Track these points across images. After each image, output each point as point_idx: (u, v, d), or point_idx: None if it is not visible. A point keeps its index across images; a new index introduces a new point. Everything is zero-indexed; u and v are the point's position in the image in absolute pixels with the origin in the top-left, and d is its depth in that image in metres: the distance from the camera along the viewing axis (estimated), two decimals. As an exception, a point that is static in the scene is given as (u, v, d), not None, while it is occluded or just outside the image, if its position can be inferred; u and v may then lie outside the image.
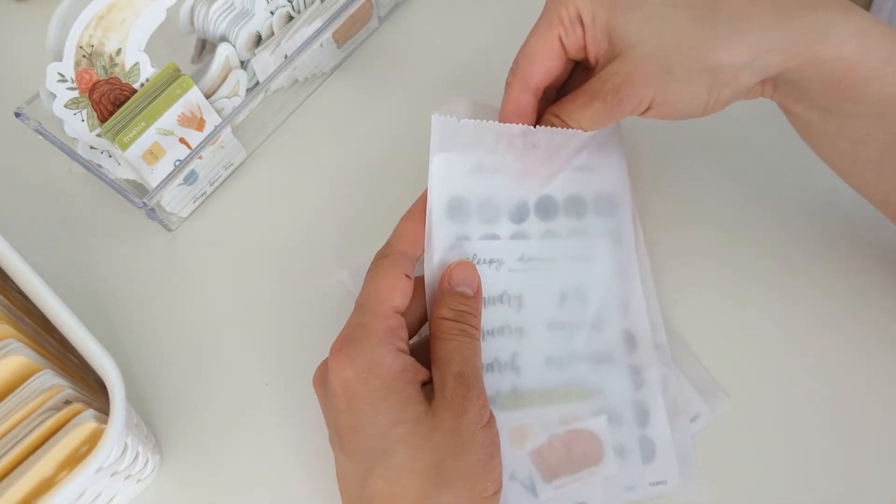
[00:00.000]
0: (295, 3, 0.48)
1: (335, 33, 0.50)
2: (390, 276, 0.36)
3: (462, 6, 0.55)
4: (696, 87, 0.35)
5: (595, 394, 0.40)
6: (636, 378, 0.41)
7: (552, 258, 0.41)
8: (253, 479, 0.41)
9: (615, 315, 0.41)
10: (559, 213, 0.42)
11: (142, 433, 0.39)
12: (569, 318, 0.41)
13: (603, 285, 0.42)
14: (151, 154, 0.43)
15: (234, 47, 0.45)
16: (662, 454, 0.39)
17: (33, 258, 0.37)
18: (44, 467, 0.33)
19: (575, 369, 0.40)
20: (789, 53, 0.34)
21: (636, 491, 0.39)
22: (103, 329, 0.45)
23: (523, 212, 0.41)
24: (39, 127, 0.43)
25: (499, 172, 0.40)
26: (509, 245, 0.40)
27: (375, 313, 0.35)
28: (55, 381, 0.34)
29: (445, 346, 0.36)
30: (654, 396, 0.40)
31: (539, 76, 0.39)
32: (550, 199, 0.41)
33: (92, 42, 0.41)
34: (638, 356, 0.41)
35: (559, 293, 0.41)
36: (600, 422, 0.39)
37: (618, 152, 0.43)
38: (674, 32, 0.34)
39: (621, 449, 0.39)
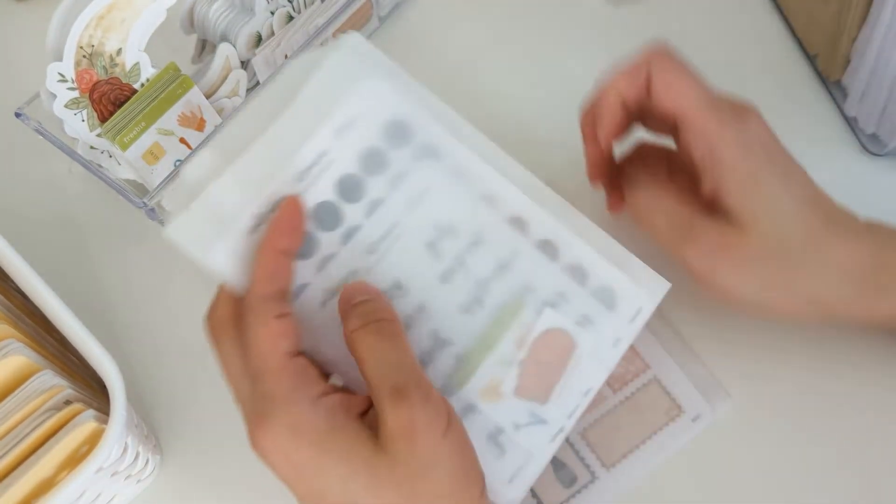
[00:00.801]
0: (295, 3, 0.48)
1: (335, 33, 0.50)
2: (262, 326, 0.32)
3: (462, 6, 0.55)
4: (796, 303, 0.37)
5: (524, 296, 0.37)
6: (548, 250, 0.38)
7: (393, 223, 0.37)
8: (253, 480, 0.41)
9: (487, 214, 0.37)
10: (365, 181, 0.37)
11: (142, 433, 0.39)
12: (451, 259, 0.37)
13: (453, 200, 0.37)
14: (152, 154, 0.43)
15: (234, 47, 0.45)
16: (620, 289, 0.38)
17: (33, 258, 0.37)
18: (44, 467, 0.33)
19: (491, 294, 0.37)
20: (863, 308, 0.36)
21: (623, 338, 0.37)
22: (103, 329, 0.45)
23: (334, 214, 0.36)
24: (39, 127, 0.43)
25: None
26: (349, 249, 0.36)
27: (268, 373, 0.31)
28: (55, 381, 0.34)
29: (367, 364, 0.32)
30: (575, 250, 0.38)
31: (628, 98, 0.39)
32: (349, 176, 0.36)
33: (92, 42, 0.41)
34: (535, 229, 0.38)
35: (425, 245, 0.37)
36: (547, 316, 0.37)
37: (381, 82, 0.38)
38: (791, 255, 0.36)
39: (584, 319, 0.37)
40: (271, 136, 0.34)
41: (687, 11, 0.54)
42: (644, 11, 0.54)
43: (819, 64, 0.50)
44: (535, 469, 0.36)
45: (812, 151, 0.49)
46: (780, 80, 0.51)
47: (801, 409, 0.41)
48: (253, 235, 0.34)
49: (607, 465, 0.41)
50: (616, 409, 0.42)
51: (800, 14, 0.51)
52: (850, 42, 0.46)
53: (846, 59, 0.47)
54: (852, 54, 0.46)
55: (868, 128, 0.48)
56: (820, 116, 0.49)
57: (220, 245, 0.33)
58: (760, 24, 0.53)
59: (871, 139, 0.48)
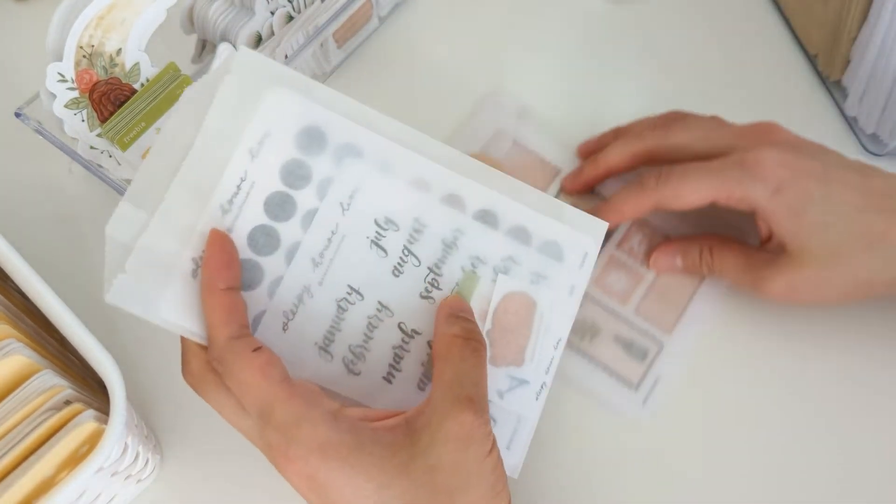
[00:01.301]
0: (295, 3, 0.48)
1: (335, 33, 0.50)
2: (249, 366, 0.31)
3: (462, 6, 0.55)
4: (845, 295, 0.40)
5: (477, 268, 0.37)
6: (488, 219, 0.38)
7: (331, 231, 0.36)
8: (253, 479, 0.41)
9: (421, 199, 0.37)
10: (291, 197, 0.36)
11: (142, 433, 0.39)
12: (399, 251, 0.37)
13: (385, 193, 0.37)
14: (151, 154, 0.43)
15: (234, 47, 0.45)
16: (563, 240, 0.38)
17: (33, 258, 0.37)
18: (44, 467, 0.33)
19: (443, 276, 0.37)
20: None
21: (577, 285, 0.38)
22: (103, 329, 0.45)
23: (270, 237, 0.36)
24: (39, 127, 0.43)
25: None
26: (295, 267, 0.36)
27: (277, 403, 0.31)
28: (55, 381, 0.34)
29: (453, 367, 0.33)
30: (513, 213, 0.38)
31: (675, 205, 0.42)
32: (275, 195, 0.36)
33: (92, 42, 0.41)
34: (470, 203, 0.38)
35: (368, 244, 0.37)
36: (502, 283, 0.37)
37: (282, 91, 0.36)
38: (846, 259, 0.39)
39: (537, 276, 0.38)
40: (185, 173, 0.34)
41: (687, 11, 0.54)
42: (644, 11, 0.54)
43: (819, 64, 0.50)
44: (528, 430, 0.37)
45: (812, 151, 0.49)
46: (780, 80, 0.51)
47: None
48: (196, 280, 0.34)
49: (668, 330, 0.44)
50: (655, 281, 0.45)
51: (800, 14, 0.51)
52: (850, 42, 0.46)
53: (846, 59, 0.47)
54: (852, 54, 0.46)
55: (868, 128, 0.48)
56: (820, 116, 0.50)
57: (165, 299, 0.33)
58: (760, 24, 0.53)
59: (871, 139, 0.48)
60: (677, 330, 0.44)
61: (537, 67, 0.52)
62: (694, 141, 0.43)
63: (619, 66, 0.52)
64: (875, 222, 0.38)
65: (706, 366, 0.43)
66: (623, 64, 0.52)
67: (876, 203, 0.39)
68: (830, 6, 0.46)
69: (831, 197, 0.39)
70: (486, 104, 0.51)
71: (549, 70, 0.52)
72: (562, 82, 0.52)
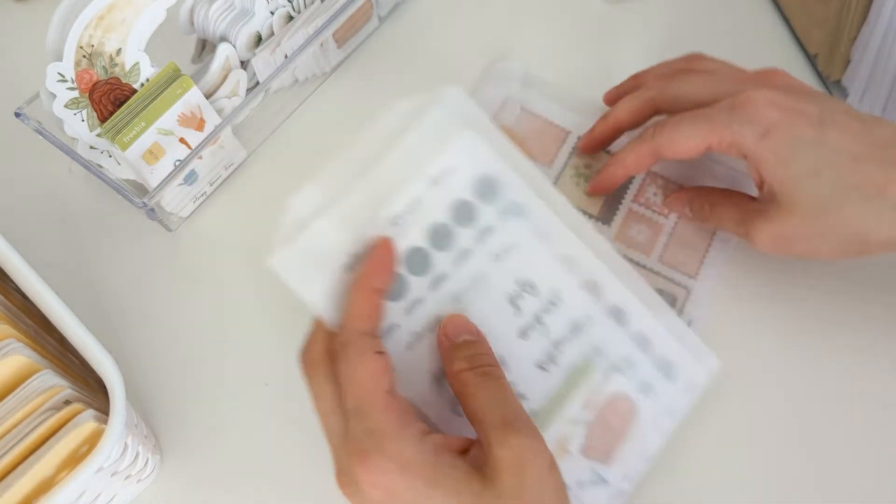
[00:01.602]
0: (295, 3, 0.48)
1: (335, 33, 0.50)
2: (366, 363, 0.32)
3: (462, 6, 0.55)
4: (837, 250, 0.38)
5: (594, 359, 0.39)
6: (619, 316, 0.39)
7: (478, 275, 0.38)
8: (253, 479, 0.41)
9: (564, 277, 0.39)
10: (453, 232, 0.38)
11: (142, 433, 0.39)
12: (531, 316, 0.39)
13: (535, 259, 0.39)
14: (151, 154, 0.43)
15: (234, 47, 0.45)
16: (679, 362, 0.40)
17: (33, 258, 0.37)
18: (44, 467, 0.33)
19: (565, 354, 0.39)
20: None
21: (678, 409, 0.39)
22: (103, 329, 0.45)
23: (424, 260, 0.38)
24: (39, 127, 0.43)
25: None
26: (437, 295, 0.38)
27: (373, 410, 0.32)
28: (55, 381, 0.34)
29: (475, 400, 0.33)
30: (642, 319, 0.39)
31: (670, 153, 0.41)
32: (440, 225, 0.38)
33: (92, 42, 0.41)
34: (607, 295, 0.39)
35: (507, 299, 0.39)
36: (615, 382, 0.39)
37: (472, 139, 0.39)
38: (838, 211, 0.36)
39: (646, 386, 0.39)
40: (372, 179, 0.36)
41: (686, 11, 0.54)
42: (643, 10, 0.54)
43: (819, 64, 0.50)
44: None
45: (812, 151, 0.49)
46: (780, 79, 0.51)
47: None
48: (347, 274, 0.36)
49: (693, 274, 0.45)
50: (674, 229, 0.46)
51: (800, 14, 0.51)
52: (850, 42, 0.46)
53: (846, 58, 0.47)
54: (852, 54, 0.46)
55: (868, 128, 0.48)
56: (820, 116, 0.49)
57: (318, 280, 0.35)
58: (760, 24, 0.53)
59: (871, 139, 0.48)
60: (702, 273, 0.45)
61: (538, 68, 0.52)
62: (696, 88, 0.41)
63: (619, 66, 0.52)
64: (873, 174, 0.36)
65: (734, 305, 0.44)
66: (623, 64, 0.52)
67: (877, 153, 0.36)
68: (830, 6, 0.46)
69: (825, 142, 0.37)
70: (490, 74, 0.51)
71: (549, 70, 0.52)
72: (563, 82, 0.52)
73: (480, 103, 0.50)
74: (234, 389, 0.43)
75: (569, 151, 0.48)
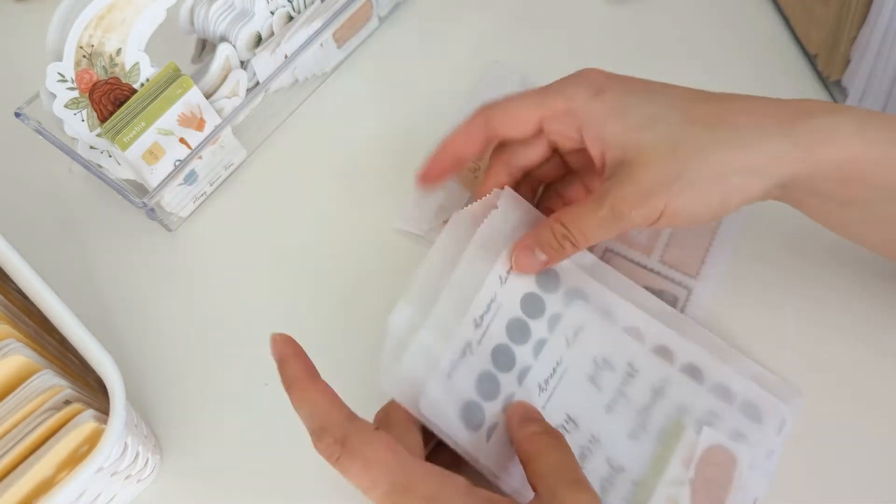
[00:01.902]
0: (295, 3, 0.48)
1: (335, 33, 0.50)
2: (375, 443, 0.32)
3: (462, 6, 0.55)
4: (708, 195, 0.36)
5: (683, 418, 0.40)
6: (694, 374, 0.41)
7: (557, 361, 0.40)
8: (253, 479, 0.41)
9: (635, 347, 0.41)
10: (528, 324, 0.40)
11: (142, 433, 0.39)
12: (612, 391, 0.41)
13: (604, 336, 0.41)
14: (151, 154, 0.43)
15: (234, 47, 0.45)
16: (763, 404, 0.40)
17: (33, 258, 0.37)
18: (44, 467, 0.33)
19: (652, 419, 0.40)
20: (798, 158, 0.35)
21: (775, 450, 0.40)
22: (103, 329, 0.45)
23: (508, 356, 0.39)
24: (39, 127, 0.43)
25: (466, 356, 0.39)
26: (524, 388, 0.39)
27: (415, 478, 0.31)
28: (55, 381, 0.34)
29: (547, 459, 0.34)
30: (717, 371, 0.41)
31: (504, 128, 0.40)
32: (515, 320, 0.40)
33: (92, 42, 0.41)
34: (679, 356, 0.41)
35: (587, 379, 0.41)
36: (707, 434, 0.39)
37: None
38: (687, 143, 0.35)
39: (737, 434, 0.40)
40: (453, 286, 0.39)
41: (687, 11, 0.54)
42: (644, 11, 0.54)
43: (819, 64, 0.50)
44: None
45: (812, 151, 0.49)
46: (780, 80, 0.51)
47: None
48: (449, 381, 0.37)
49: (694, 274, 0.45)
50: (676, 230, 0.46)
51: (800, 14, 0.51)
52: (850, 42, 0.46)
53: (846, 59, 0.47)
54: (852, 54, 0.46)
55: (868, 128, 0.48)
56: (820, 116, 0.49)
57: (425, 393, 0.37)
58: (760, 24, 0.53)
59: (871, 139, 0.48)
60: (703, 273, 0.45)
61: (538, 68, 0.52)
62: (526, 95, 0.40)
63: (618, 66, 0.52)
64: (710, 110, 0.36)
65: (735, 304, 0.44)
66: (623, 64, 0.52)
67: (711, 99, 0.36)
68: (830, 6, 0.46)
69: (656, 96, 0.37)
70: (487, 76, 0.52)
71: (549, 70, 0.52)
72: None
73: (477, 104, 0.50)
74: (234, 389, 0.43)
75: None
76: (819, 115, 0.35)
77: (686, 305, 0.44)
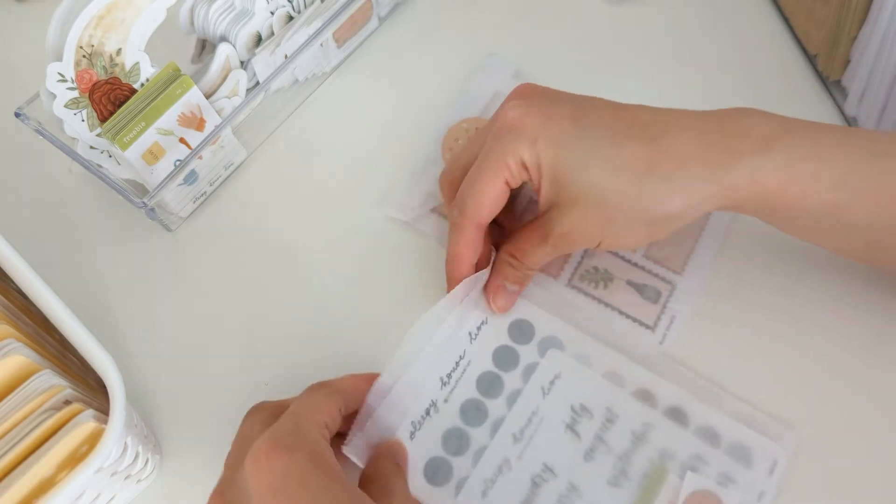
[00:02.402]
0: (295, 3, 0.48)
1: (335, 33, 0.50)
2: (326, 401, 0.35)
3: (462, 7, 0.55)
4: (638, 233, 0.39)
5: (665, 462, 0.40)
6: (678, 417, 0.40)
7: (532, 411, 0.41)
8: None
9: (614, 392, 0.41)
10: (501, 376, 0.42)
11: (142, 433, 0.39)
12: (591, 437, 0.40)
13: (582, 382, 0.41)
14: (151, 154, 0.43)
15: (234, 47, 0.45)
16: (753, 445, 0.40)
17: (33, 258, 0.37)
18: (44, 467, 0.33)
19: (633, 465, 0.40)
20: (724, 197, 0.37)
21: (767, 491, 0.39)
22: (103, 329, 0.45)
23: (479, 410, 0.41)
24: (39, 127, 0.43)
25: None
26: (498, 440, 0.40)
27: (309, 422, 0.34)
28: (55, 381, 0.34)
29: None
30: (702, 414, 0.40)
31: (488, 214, 0.41)
32: (487, 373, 0.42)
33: (92, 42, 0.41)
34: (661, 400, 0.41)
35: (564, 427, 0.40)
36: (690, 479, 0.39)
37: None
38: (616, 192, 0.37)
39: (724, 478, 0.39)
40: (428, 352, 0.40)
41: (686, 11, 0.54)
42: (644, 11, 0.54)
43: (819, 64, 0.50)
44: None
45: (812, 151, 0.49)
46: (780, 80, 0.51)
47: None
48: (411, 442, 0.39)
49: (678, 270, 0.45)
50: None
51: (800, 14, 0.51)
52: (850, 42, 0.46)
53: (846, 59, 0.47)
54: (852, 54, 0.46)
55: (868, 128, 0.48)
56: (820, 116, 0.49)
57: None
58: (760, 24, 0.53)
59: (871, 139, 0.48)
60: (688, 269, 0.45)
61: (538, 68, 0.52)
62: (469, 150, 0.42)
63: (618, 66, 0.52)
64: (638, 151, 0.37)
65: (719, 302, 0.44)
66: (623, 64, 0.52)
67: (636, 133, 0.37)
68: (830, 6, 0.46)
69: (585, 134, 0.38)
70: (482, 68, 0.52)
71: (549, 70, 0.52)
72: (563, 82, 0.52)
73: (471, 96, 0.51)
74: (234, 389, 0.43)
75: None
76: (747, 156, 0.36)
77: (668, 301, 0.44)
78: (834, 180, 0.36)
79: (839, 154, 0.36)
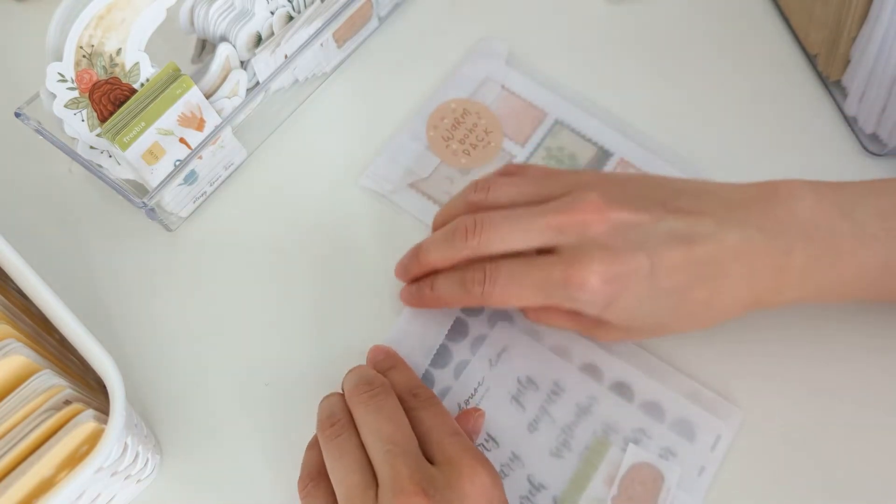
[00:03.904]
0: (295, 3, 0.48)
1: (335, 33, 0.50)
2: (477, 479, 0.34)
3: (462, 7, 0.55)
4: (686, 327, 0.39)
5: (609, 435, 0.40)
6: (623, 392, 0.41)
7: (478, 382, 0.41)
8: (253, 480, 0.41)
9: (561, 366, 0.42)
10: (449, 347, 0.42)
11: (142, 433, 0.39)
12: (536, 409, 0.41)
13: (529, 356, 0.42)
14: (151, 154, 0.43)
15: (234, 47, 0.45)
16: (697, 421, 0.40)
17: (33, 258, 0.37)
18: (44, 467, 0.33)
19: (576, 437, 0.40)
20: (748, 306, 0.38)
21: (707, 466, 0.39)
22: (103, 329, 0.45)
23: (427, 382, 0.42)
24: (39, 127, 0.43)
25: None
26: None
27: None
28: (55, 381, 0.34)
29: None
30: (648, 389, 0.41)
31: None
32: (443, 348, 0.42)
33: (92, 42, 0.41)
34: (607, 374, 0.41)
35: (511, 399, 0.41)
36: (632, 452, 0.40)
37: None
38: (654, 318, 0.38)
39: (666, 452, 0.40)
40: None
41: (686, 11, 0.54)
42: (644, 11, 0.54)
43: (819, 64, 0.50)
44: None
45: (812, 151, 0.49)
46: (780, 80, 0.51)
47: (812, 416, 0.41)
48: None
49: None
50: None
51: (800, 14, 0.51)
52: (850, 42, 0.46)
53: (846, 59, 0.47)
54: (852, 54, 0.46)
55: (868, 128, 0.48)
56: (820, 116, 0.50)
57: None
58: (760, 24, 0.53)
59: (871, 139, 0.48)
60: None
61: (538, 67, 0.52)
62: (513, 235, 0.38)
63: (618, 66, 0.52)
64: (699, 296, 0.37)
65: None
66: (623, 64, 0.52)
67: (702, 273, 0.37)
68: (830, 6, 0.46)
69: (658, 290, 0.37)
70: (474, 51, 0.52)
71: (549, 70, 0.52)
72: (562, 82, 0.52)
73: (462, 80, 0.51)
74: (234, 389, 0.43)
75: (543, 133, 0.49)
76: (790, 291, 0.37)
77: None
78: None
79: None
